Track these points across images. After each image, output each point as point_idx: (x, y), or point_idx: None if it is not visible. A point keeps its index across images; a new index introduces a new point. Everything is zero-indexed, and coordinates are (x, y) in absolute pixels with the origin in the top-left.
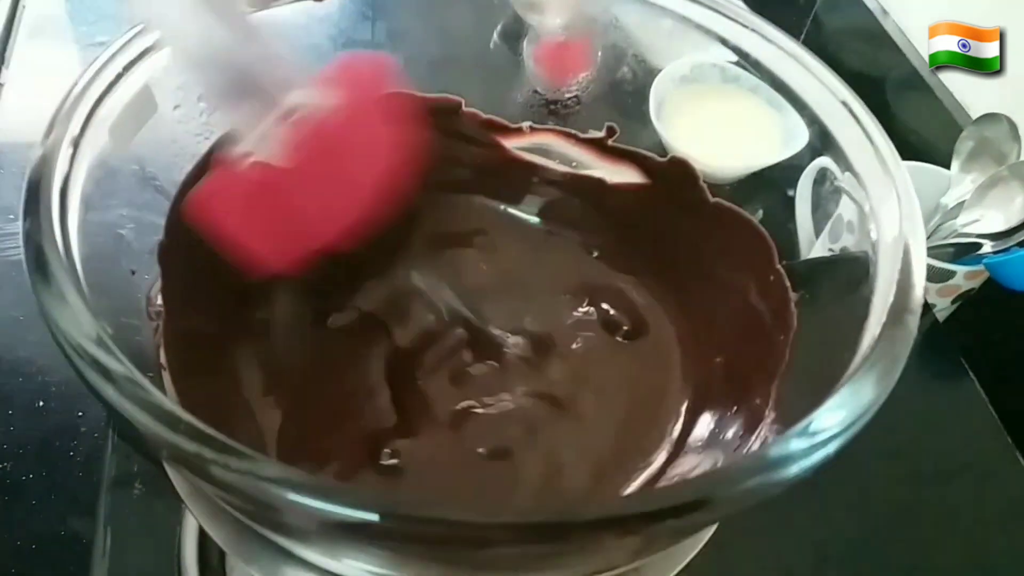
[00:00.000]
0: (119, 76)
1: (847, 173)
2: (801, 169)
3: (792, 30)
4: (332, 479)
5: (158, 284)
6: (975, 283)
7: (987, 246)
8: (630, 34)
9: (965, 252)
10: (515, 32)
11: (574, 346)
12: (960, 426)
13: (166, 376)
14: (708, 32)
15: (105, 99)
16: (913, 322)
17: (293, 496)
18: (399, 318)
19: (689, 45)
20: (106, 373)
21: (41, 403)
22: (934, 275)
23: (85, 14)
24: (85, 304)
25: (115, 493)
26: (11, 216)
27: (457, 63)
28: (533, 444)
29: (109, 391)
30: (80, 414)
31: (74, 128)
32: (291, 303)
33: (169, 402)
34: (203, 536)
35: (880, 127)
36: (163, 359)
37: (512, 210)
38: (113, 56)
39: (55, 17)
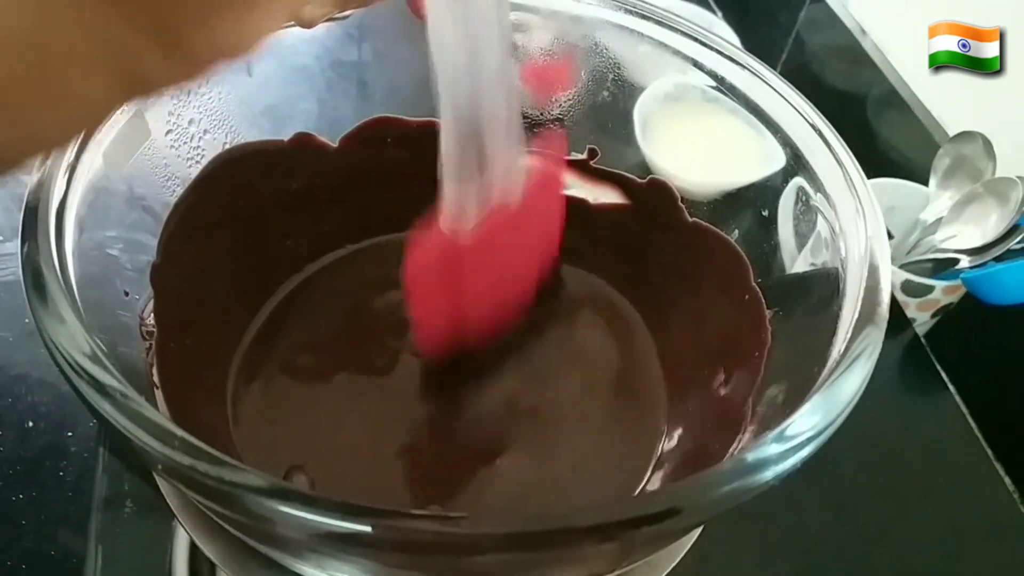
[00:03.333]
0: None
1: (819, 194)
2: (778, 189)
3: (774, 49)
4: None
5: (151, 304)
6: (954, 298)
7: (964, 261)
8: (613, 54)
9: (943, 267)
10: None
11: (552, 362)
12: (940, 438)
13: (159, 394)
14: (685, 58)
15: (100, 125)
16: (878, 335)
17: (284, 508)
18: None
19: (669, 67)
20: (102, 389)
21: (31, 423)
22: (913, 290)
23: None
24: (81, 323)
25: (106, 512)
26: (1, 237)
27: None
28: (513, 458)
29: (105, 406)
30: (69, 434)
31: (70, 154)
32: None
33: (163, 417)
34: (194, 552)
35: (848, 151)
36: (156, 378)
37: None
38: None
39: None
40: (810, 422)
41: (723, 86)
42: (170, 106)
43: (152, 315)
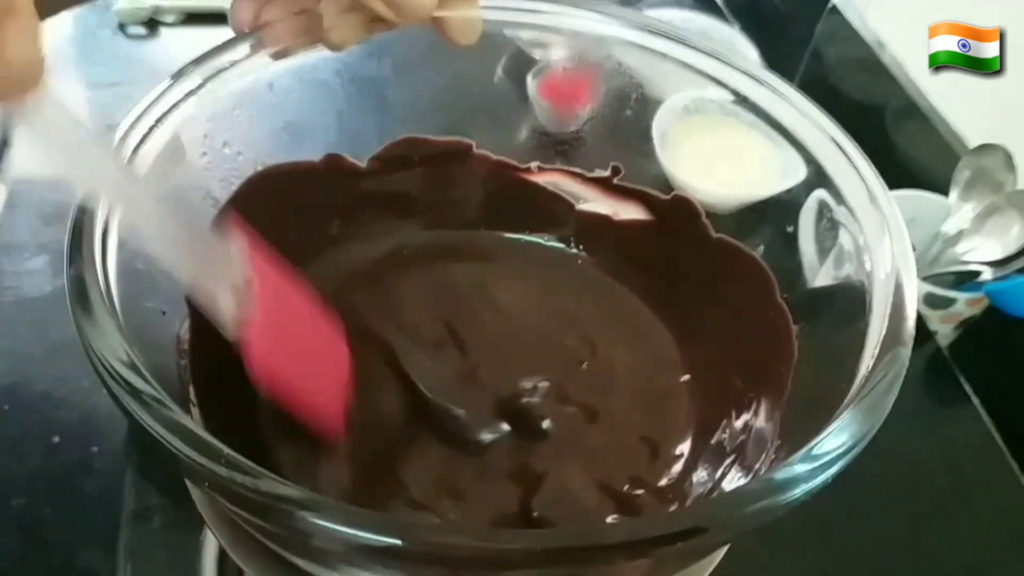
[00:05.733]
0: (152, 128)
1: (842, 207)
2: (799, 202)
3: (791, 62)
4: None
5: (187, 323)
6: (976, 310)
7: (987, 273)
8: (632, 71)
9: (966, 279)
10: (519, 66)
11: (581, 372)
12: (963, 450)
13: (195, 411)
14: (705, 75)
15: (140, 149)
16: (905, 354)
17: (321, 521)
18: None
19: (688, 82)
20: (142, 399)
21: (57, 439)
22: (936, 302)
23: (96, 55)
24: (124, 338)
25: (134, 527)
26: (26, 254)
27: (462, 97)
28: (542, 471)
29: (149, 419)
30: (95, 449)
31: None
32: None
33: (204, 431)
34: (222, 566)
35: (871, 164)
36: (192, 395)
37: (525, 240)
38: (147, 108)
39: (65, 57)
40: (839, 440)
41: (743, 101)
42: (205, 128)
43: (188, 334)
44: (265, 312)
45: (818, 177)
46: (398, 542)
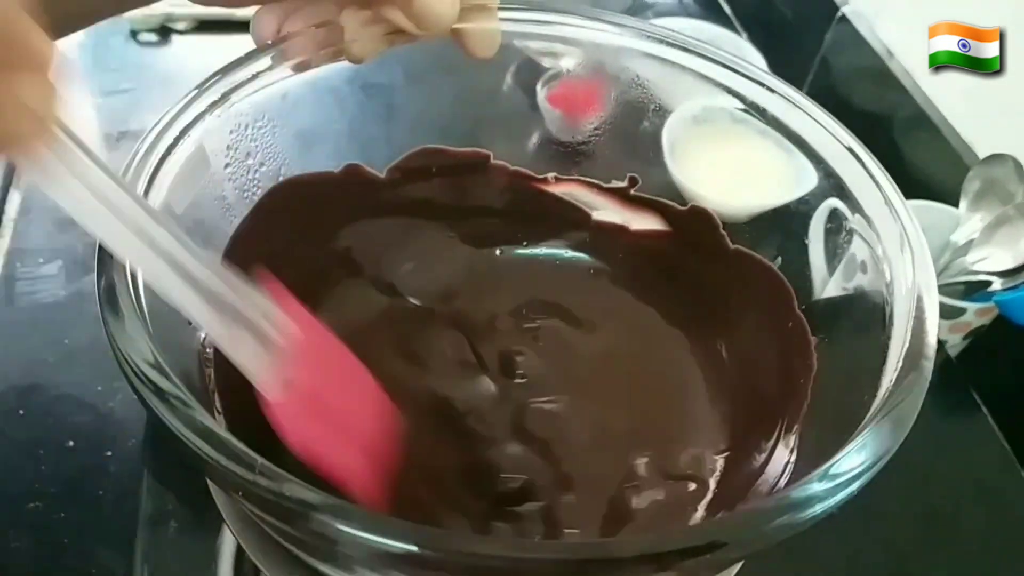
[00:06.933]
0: (177, 139)
1: (857, 216)
2: (812, 210)
3: (800, 71)
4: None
5: None
6: (986, 319)
7: (997, 283)
8: (642, 80)
9: (976, 289)
10: (529, 75)
11: (596, 385)
12: (973, 460)
13: (220, 420)
14: (715, 83)
15: (167, 159)
16: (928, 368)
17: (345, 527)
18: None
19: (698, 91)
20: (170, 403)
21: (71, 443)
22: (946, 312)
23: (108, 61)
24: (153, 343)
25: (151, 530)
26: (40, 260)
27: (472, 106)
28: (558, 483)
29: (180, 426)
30: (109, 453)
31: (140, 187)
32: None
33: (232, 437)
34: (238, 571)
35: (886, 173)
36: (217, 405)
37: (539, 252)
38: (173, 119)
39: (73, 63)
40: (860, 458)
41: (754, 110)
42: (229, 140)
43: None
44: (300, 371)
45: (831, 185)
46: (419, 549)
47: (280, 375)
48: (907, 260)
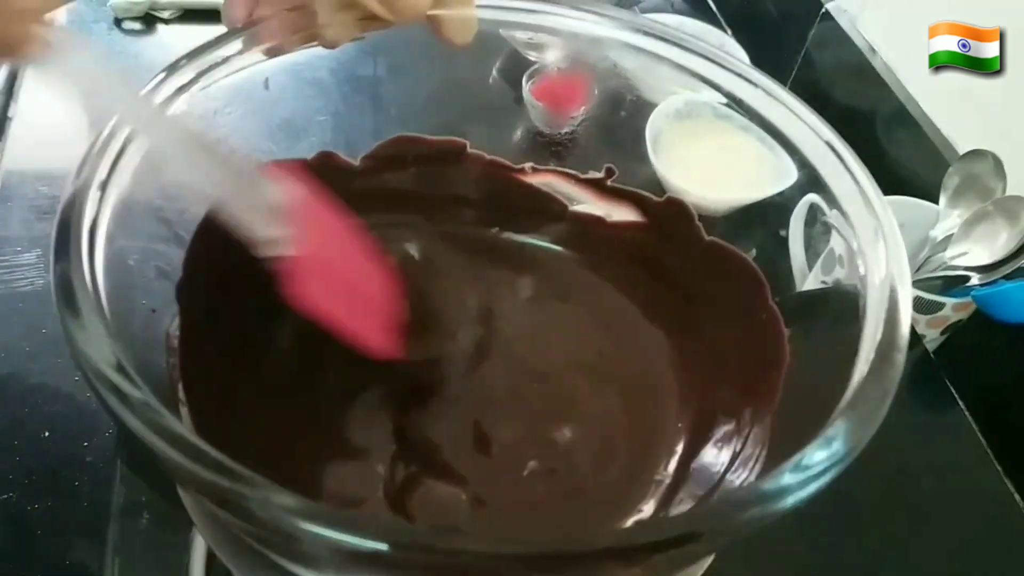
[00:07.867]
0: None
1: (835, 210)
2: (791, 205)
3: (783, 67)
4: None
5: (176, 321)
6: (963, 315)
7: (975, 279)
8: (626, 73)
9: (953, 284)
10: (514, 68)
11: (571, 379)
12: (950, 454)
13: (184, 411)
14: (698, 77)
15: (130, 144)
16: (900, 360)
17: (309, 526)
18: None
19: (681, 84)
20: (127, 401)
21: (47, 433)
22: (923, 307)
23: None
24: (112, 340)
25: (123, 522)
26: (18, 248)
27: (457, 98)
28: (529, 478)
29: (133, 421)
30: (86, 444)
31: (102, 172)
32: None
33: (191, 434)
34: (210, 564)
35: (865, 168)
36: (181, 394)
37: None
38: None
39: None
40: (830, 450)
41: (736, 104)
42: (198, 124)
43: (178, 332)
44: (302, 231)
45: (811, 180)
46: (386, 547)
47: (283, 234)
48: (881, 253)
